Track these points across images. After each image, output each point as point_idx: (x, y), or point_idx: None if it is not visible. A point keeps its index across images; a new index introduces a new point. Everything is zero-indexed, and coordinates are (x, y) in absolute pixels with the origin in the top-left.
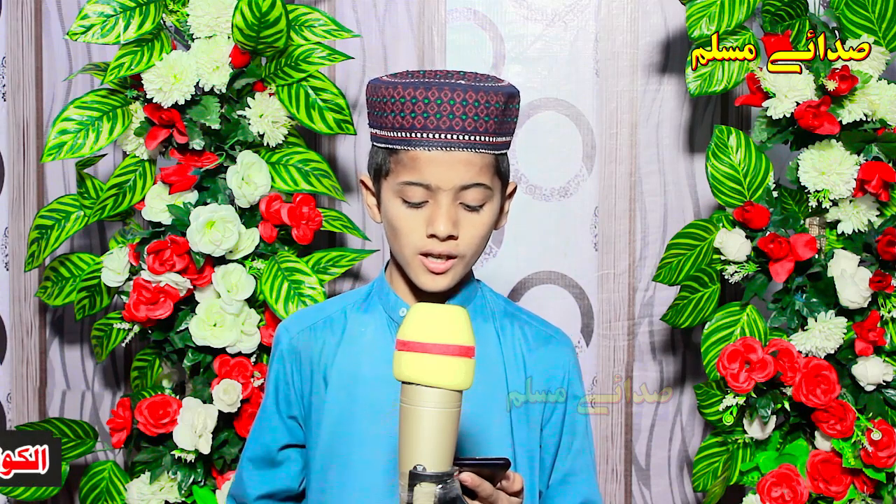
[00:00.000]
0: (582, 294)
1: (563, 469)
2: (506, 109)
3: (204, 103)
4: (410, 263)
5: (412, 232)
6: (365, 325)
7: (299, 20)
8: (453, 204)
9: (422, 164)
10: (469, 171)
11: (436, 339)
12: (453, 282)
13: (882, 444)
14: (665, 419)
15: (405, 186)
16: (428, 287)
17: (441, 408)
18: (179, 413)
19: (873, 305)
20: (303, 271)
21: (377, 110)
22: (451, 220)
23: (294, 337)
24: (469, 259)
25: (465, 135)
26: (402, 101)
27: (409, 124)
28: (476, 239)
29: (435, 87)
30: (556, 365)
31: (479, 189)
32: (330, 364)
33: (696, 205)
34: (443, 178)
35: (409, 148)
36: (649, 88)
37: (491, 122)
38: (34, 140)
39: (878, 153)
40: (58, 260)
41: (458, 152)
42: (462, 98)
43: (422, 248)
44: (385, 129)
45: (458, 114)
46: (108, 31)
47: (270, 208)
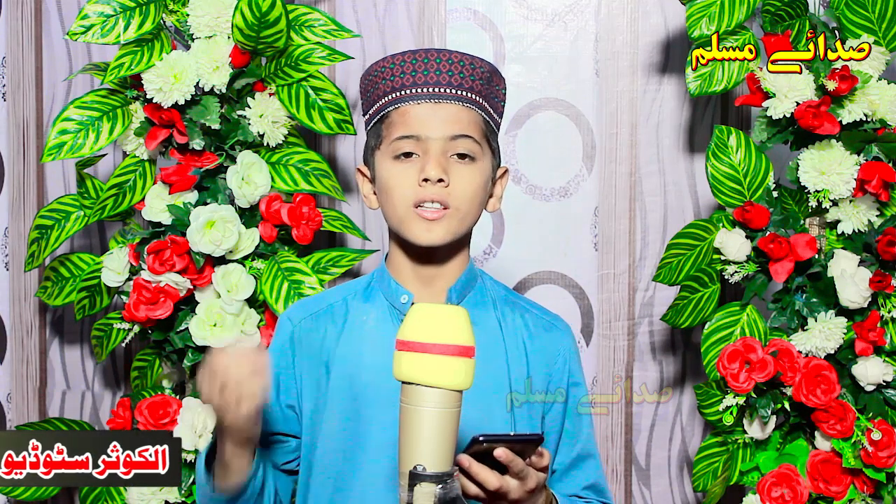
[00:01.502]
0: (582, 294)
1: (570, 455)
2: (491, 79)
3: (204, 103)
4: (404, 219)
5: (404, 183)
6: (366, 314)
7: (299, 20)
8: (444, 154)
9: (411, 117)
10: (458, 123)
11: (436, 339)
12: (447, 235)
13: (882, 444)
14: (665, 419)
15: (396, 142)
16: (422, 240)
17: (441, 408)
18: (179, 413)
19: (873, 305)
20: (303, 271)
21: (370, 88)
22: (440, 165)
23: (297, 326)
24: (463, 214)
25: (451, 88)
26: (391, 67)
27: (399, 84)
28: (468, 193)
29: (423, 51)
30: (557, 352)
31: (467, 140)
32: (332, 352)
33: (696, 205)
34: (431, 127)
35: (400, 105)
36: (649, 88)
37: (477, 83)
38: (34, 140)
39: (878, 153)
40: (58, 260)
41: (447, 104)
42: (448, 58)
43: (414, 198)
44: (377, 101)
45: (444, 70)
46: (108, 31)
47: (270, 208)
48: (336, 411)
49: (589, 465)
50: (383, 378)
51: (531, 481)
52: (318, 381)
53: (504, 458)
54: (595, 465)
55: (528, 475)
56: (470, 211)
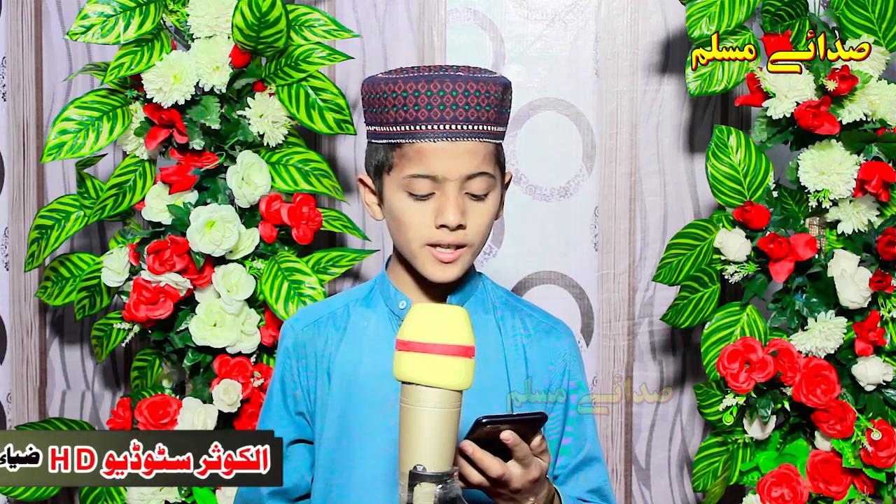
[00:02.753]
0: (582, 294)
1: (575, 458)
2: (503, 100)
3: (204, 103)
4: (418, 256)
5: (420, 224)
6: (367, 319)
7: (299, 20)
8: (460, 194)
9: (427, 155)
10: (474, 160)
11: (436, 339)
12: (461, 271)
13: (882, 444)
14: (665, 419)
15: (412, 179)
16: (437, 278)
17: (441, 408)
18: (179, 413)
19: (873, 305)
20: (303, 271)
21: (376, 107)
22: (459, 209)
23: (299, 333)
24: (476, 248)
25: (468, 125)
26: (403, 95)
27: (413, 117)
28: (482, 227)
29: (436, 80)
30: (557, 356)
31: (484, 178)
32: (333, 358)
33: (696, 205)
34: (450, 169)
35: (414, 141)
36: (649, 88)
37: (492, 112)
38: (34, 140)
39: (878, 153)
40: (58, 260)
41: (463, 142)
42: (464, 89)
43: (430, 239)
44: (386, 124)
45: (461, 104)
46: (108, 31)
47: (270, 208)
48: (335, 415)
49: (594, 468)
50: (382, 382)
51: (534, 469)
52: (321, 387)
53: (511, 440)
54: (600, 469)
55: (531, 462)
56: (483, 240)
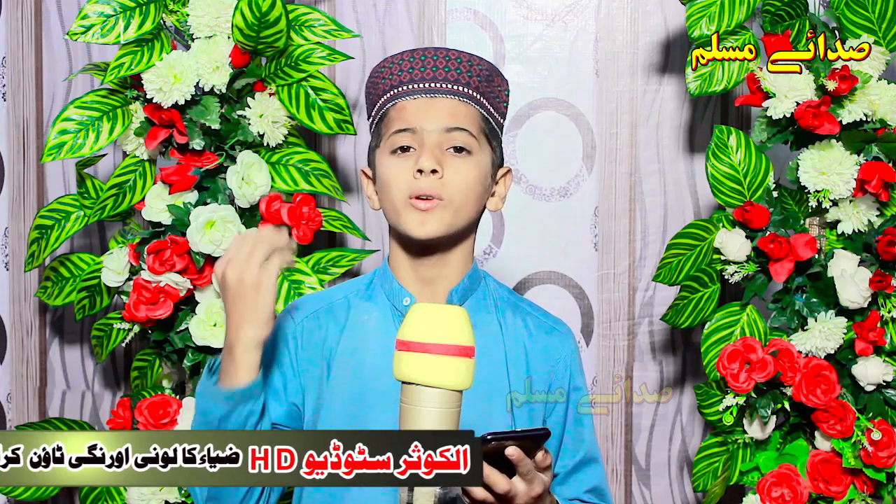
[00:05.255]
0: (582, 294)
1: (574, 459)
2: (492, 78)
3: (204, 103)
4: (400, 211)
5: (399, 176)
6: (368, 313)
7: (299, 20)
8: (438, 147)
9: (408, 112)
10: (453, 116)
11: (436, 339)
12: (441, 227)
13: (882, 444)
14: (665, 419)
15: (393, 136)
16: (416, 233)
17: (441, 408)
18: (179, 413)
19: (873, 305)
20: (303, 271)
21: (372, 91)
22: (434, 157)
23: (298, 324)
24: (457, 206)
25: (448, 83)
26: (390, 66)
27: (397, 81)
28: (461, 184)
29: (421, 50)
30: (558, 356)
31: (463, 133)
32: (334, 351)
33: (696, 205)
34: (426, 119)
35: (397, 101)
36: (649, 88)
37: (474, 79)
38: (34, 140)
39: (878, 153)
40: (58, 260)
41: (442, 98)
42: (445, 55)
43: (409, 190)
44: (378, 101)
45: (441, 66)
46: (108, 31)
47: (270, 208)
48: (335, 411)
49: (592, 468)
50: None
51: (537, 485)
52: (320, 379)
53: (515, 456)
54: (598, 469)
55: (534, 478)
56: (465, 203)
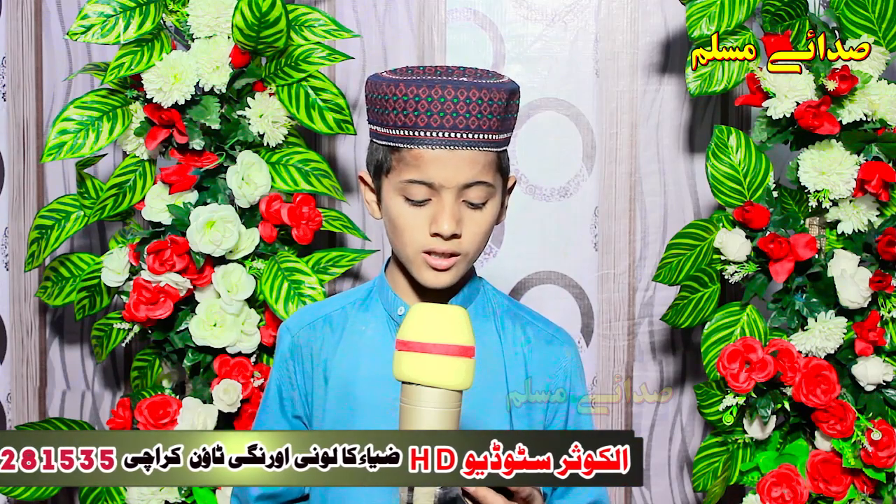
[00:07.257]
0: (582, 294)
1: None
2: (507, 106)
3: (204, 103)
4: (413, 261)
5: (415, 230)
6: (365, 324)
7: (299, 20)
8: (456, 202)
9: (425, 162)
10: (472, 169)
11: (436, 339)
12: (456, 278)
13: (882, 444)
14: (665, 419)
15: (408, 185)
16: (430, 284)
17: (441, 408)
18: (179, 413)
19: (873, 305)
20: (303, 271)
21: (378, 107)
22: (454, 218)
23: (295, 335)
24: (472, 256)
25: (468, 133)
26: (404, 100)
27: (412, 122)
28: (478, 236)
29: (438, 86)
30: (558, 365)
31: (481, 187)
32: (330, 362)
33: (696, 205)
34: (446, 177)
35: (413, 146)
36: (649, 88)
37: (494, 120)
38: (34, 140)
39: (878, 153)
40: (58, 260)
41: (462, 151)
42: (466, 96)
43: (425, 246)
44: (386, 126)
45: (461, 112)
46: (108, 31)
47: (270, 208)
48: (331, 420)
49: None
50: (380, 388)
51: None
52: (317, 390)
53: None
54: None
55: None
56: (479, 249)
